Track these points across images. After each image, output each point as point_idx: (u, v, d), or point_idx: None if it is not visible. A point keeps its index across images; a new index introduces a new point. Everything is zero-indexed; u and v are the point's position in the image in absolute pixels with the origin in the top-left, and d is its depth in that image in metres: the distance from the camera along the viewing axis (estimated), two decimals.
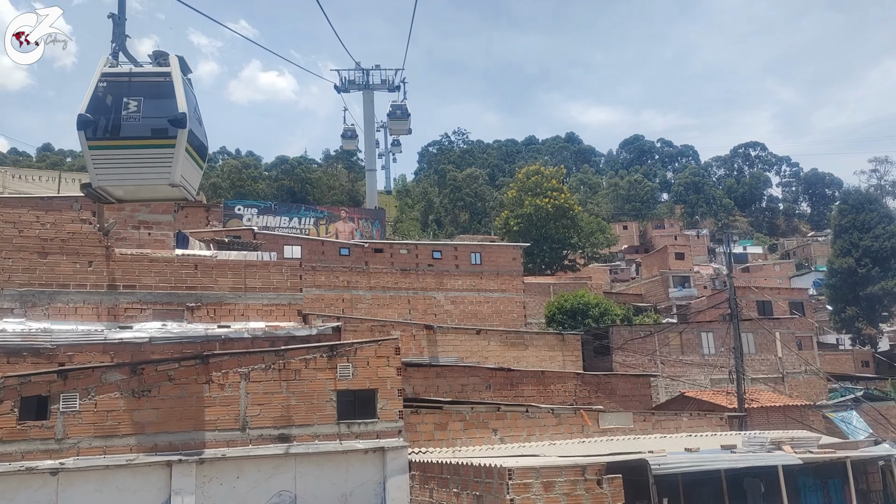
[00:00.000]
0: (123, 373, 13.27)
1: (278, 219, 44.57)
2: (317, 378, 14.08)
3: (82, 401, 14.55)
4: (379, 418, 15.67)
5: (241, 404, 13.73)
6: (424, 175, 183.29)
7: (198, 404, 13.59)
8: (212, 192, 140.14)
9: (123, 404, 14.87)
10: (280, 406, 14.91)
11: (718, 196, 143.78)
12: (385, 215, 51.16)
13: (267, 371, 13.80)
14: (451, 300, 31.61)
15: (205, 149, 13.65)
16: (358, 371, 14.27)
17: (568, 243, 55.91)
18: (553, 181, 57.78)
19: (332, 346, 13.91)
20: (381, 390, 15.32)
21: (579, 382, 24.48)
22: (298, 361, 14.01)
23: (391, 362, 14.59)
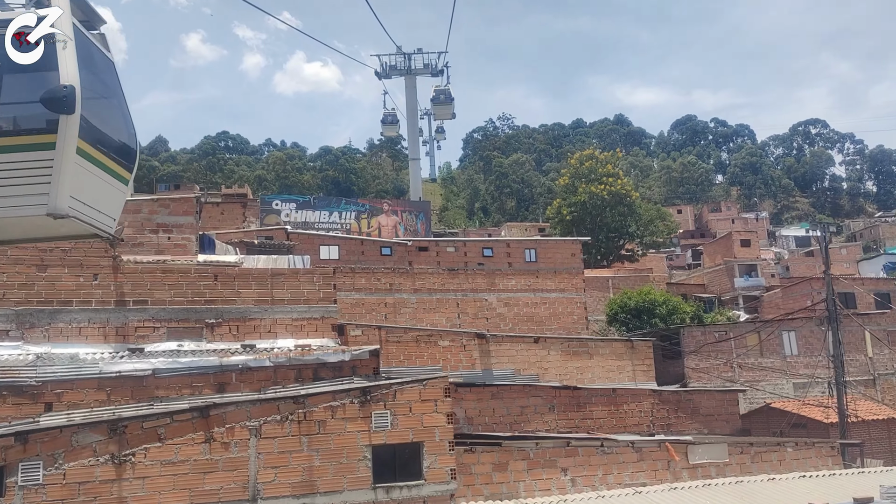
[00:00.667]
0: (100, 432, 10.30)
1: (318, 213, 41.99)
2: (346, 430, 10.86)
3: (48, 471, 11.34)
4: (425, 479, 12.37)
5: (250, 468, 10.71)
6: (469, 162, 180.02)
7: (196, 470, 10.66)
8: (257, 185, 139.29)
9: (100, 474, 11.58)
10: (300, 468, 11.73)
11: (777, 177, 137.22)
12: (430, 207, 48.11)
13: (283, 424, 10.70)
14: (503, 302, 28.55)
15: (131, 154, 8.34)
16: (398, 420, 11.08)
17: (625, 232, 52.19)
18: (608, 166, 53.95)
19: (366, 388, 10.87)
20: (427, 443, 11.93)
21: (656, 401, 21.15)
22: (323, 410, 10.84)
23: (440, 407, 11.43)
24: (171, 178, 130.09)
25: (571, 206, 51.22)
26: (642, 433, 21.07)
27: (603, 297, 42.75)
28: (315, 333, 18.64)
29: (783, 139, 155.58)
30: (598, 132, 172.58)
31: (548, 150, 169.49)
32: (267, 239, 26.03)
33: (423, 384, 11.19)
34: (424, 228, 43.78)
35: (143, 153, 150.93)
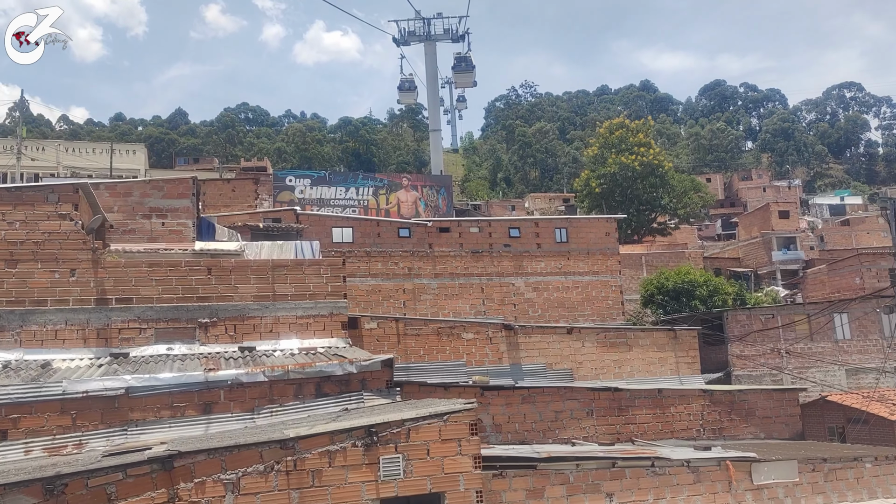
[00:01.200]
0: (34, 494, 7.99)
1: (333, 189, 39.74)
2: (348, 481, 8.42)
3: None
4: None
5: None
6: (491, 131, 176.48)
7: None
8: (276, 157, 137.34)
9: None
10: None
11: (810, 143, 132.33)
12: (451, 182, 45.51)
13: (268, 475, 8.32)
14: (532, 286, 26.18)
15: None
16: (413, 466, 8.65)
17: (657, 205, 49.37)
18: (640, 135, 50.91)
19: (371, 428, 8.57)
20: (449, 494, 9.15)
21: (707, 402, 18.75)
22: (318, 456, 8.41)
23: (465, 447, 8.98)
24: (190, 151, 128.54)
25: (600, 177, 48.46)
26: (691, 438, 18.73)
27: (636, 276, 40.22)
28: (322, 333, 16.45)
29: (816, 104, 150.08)
30: (624, 99, 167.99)
31: (572, 119, 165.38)
32: (275, 222, 23.84)
33: (444, 419, 8.85)
34: (446, 204, 41.35)
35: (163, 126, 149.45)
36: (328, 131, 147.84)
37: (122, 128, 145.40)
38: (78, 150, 62.57)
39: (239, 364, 13.94)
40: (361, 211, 40.12)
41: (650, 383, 22.72)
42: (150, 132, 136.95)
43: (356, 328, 20.67)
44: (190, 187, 20.24)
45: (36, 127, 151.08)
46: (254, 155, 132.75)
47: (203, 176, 69.57)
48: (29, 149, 55.70)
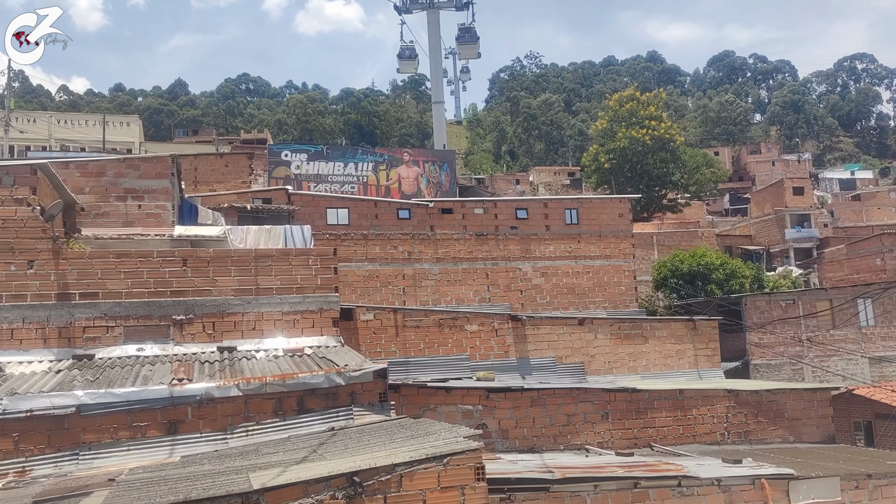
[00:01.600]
0: None
1: (331, 165, 37.90)
2: None
3: None
4: None
5: None
6: (496, 103, 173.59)
7: None
8: (277, 129, 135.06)
9: None
10: None
11: (820, 115, 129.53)
12: (455, 157, 43.46)
13: None
14: (540, 271, 24.48)
15: None
16: None
17: (668, 181, 47.50)
18: (651, 108, 48.82)
19: (354, 476, 6.96)
20: None
21: (732, 403, 17.16)
22: None
23: (470, 497, 7.35)
24: (189, 123, 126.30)
25: (609, 152, 46.52)
26: (715, 443, 17.16)
27: (646, 257, 38.50)
28: (311, 330, 14.84)
29: (827, 75, 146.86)
30: (631, 70, 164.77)
31: (577, 90, 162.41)
32: (265, 202, 22.13)
33: (445, 462, 7.23)
34: (449, 180, 39.53)
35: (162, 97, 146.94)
36: (330, 103, 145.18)
37: (120, 98, 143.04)
38: (70, 122, 60.57)
39: (214, 370, 12.34)
40: (361, 188, 38.37)
41: (667, 377, 21.16)
42: (149, 103, 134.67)
43: (351, 319, 19.06)
44: (169, 166, 18.52)
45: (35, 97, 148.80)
46: (254, 127, 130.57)
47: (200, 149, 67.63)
48: (19, 121, 53.86)
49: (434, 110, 48.71)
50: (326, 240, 22.91)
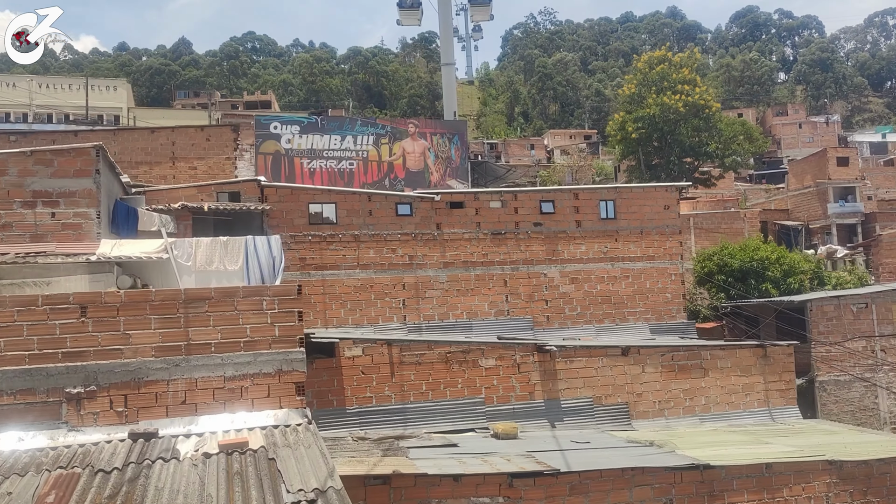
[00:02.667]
0: None
1: (327, 138, 33.27)
2: None
3: None
4: None
5: None
6: (508, 62, 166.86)
7: None
8: (282, 90, 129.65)
9: None
10: None
11: (849, 74, 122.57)
12: (466, 128, 38.46)
13: None
14: (569, 277, 20.05)
15: None
16: None
17: (702, 152, 42.52)
18: (684, 71, 43.54)
19: None
20: None
21: (835, 479, 12.84)
22: None
23: None
24: (191, 84, 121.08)
25: (637, 120, 41.60)
26: None
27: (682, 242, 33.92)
28: (266, 401, 10.55)
29: (856, 31, 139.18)
30: (649, 27, 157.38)
31: (594, 48, 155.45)
32: (231, 200, 17.68)
33: None
34: (460, 155, 34.87)
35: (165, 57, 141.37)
36: (337, 62, 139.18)
37: (122, 58, 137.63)
38: (53, 85, 55.95)
39: (104, 491, 8.09)
40: (360, 164, 33.82)
41: (732, 419, 16.86)
42: (151, 63, 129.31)
43: (333, 356, 14.79)
44: (92, 161, 14.04)
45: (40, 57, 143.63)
46: (258, 87, 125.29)
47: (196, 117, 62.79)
48: None
49: (444, 74, 43.54)
50: (309, 243, 18.50)
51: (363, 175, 33.87)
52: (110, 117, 54.10)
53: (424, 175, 34.57)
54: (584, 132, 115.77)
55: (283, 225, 18.15)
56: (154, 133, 31.89)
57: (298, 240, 18.30)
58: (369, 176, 34.00)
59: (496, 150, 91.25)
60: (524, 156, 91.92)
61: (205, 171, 32.36)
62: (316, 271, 18.30)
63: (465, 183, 35.09)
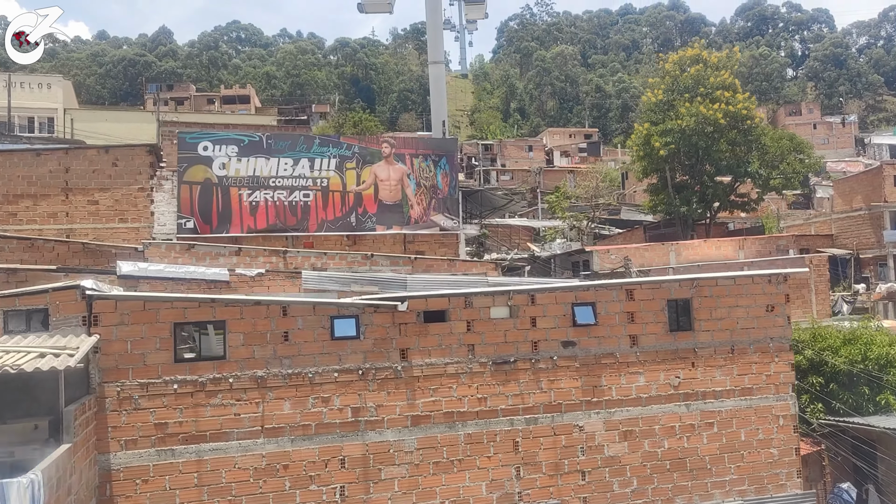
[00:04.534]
0: None
1: (274, 162, 25.03)
2: None
3: None
4: None
5: None
6: (504, 54, 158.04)
7: None
8: (265, 83, 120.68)
9: None
10: None
11: (864, 72, 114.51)
12: (457, 147, 29.84)
13: None
14: (620, 430, 11.94)
15: None
16: None
17: (744, 171, 34.37)
18: (724, 74, 35.26)
19: None
20: None
21: None
22: None
23: None
24: (167, 76, 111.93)
25: (666, 133, 33.48)
26: None
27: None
28: None
29: (869, 26, 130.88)
30: (651, 19, 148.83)
31: (593, 41, 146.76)
32: (31, 322, 9.42)
33: None
34: (448, 182, 26.71)
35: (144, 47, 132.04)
36: (324, 54, 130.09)
37: (94, 48, 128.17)
38: None
39: None
40: (319, 196, 25.71)
41: None
42: (125, 54, 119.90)
43: None
44: None
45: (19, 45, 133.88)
46: (239, 80, 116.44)
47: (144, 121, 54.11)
48: None
49: (431, 74, 34.72)
50: (174, 396, 10.34)
51: (322, 209, 25.74)
52: (43, 119, 45.65)
53: (402, 209, 26.48)
54: (584, 130, 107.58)
55: (123, 367, 10.05)
56: (40, 157, 23.64)
57: (154, 392, 10.18)
58: (330, 210, 25.87)
59: (491, 152, 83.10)
60: (522, 158, 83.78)
61: (110, 207, 24.18)
62: (185, 446, 10.23)
63: (455, 219, 26.99)
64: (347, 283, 18.48)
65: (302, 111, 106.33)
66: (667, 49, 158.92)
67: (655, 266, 29.01)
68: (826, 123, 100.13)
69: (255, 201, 25.12)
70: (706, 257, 29.56)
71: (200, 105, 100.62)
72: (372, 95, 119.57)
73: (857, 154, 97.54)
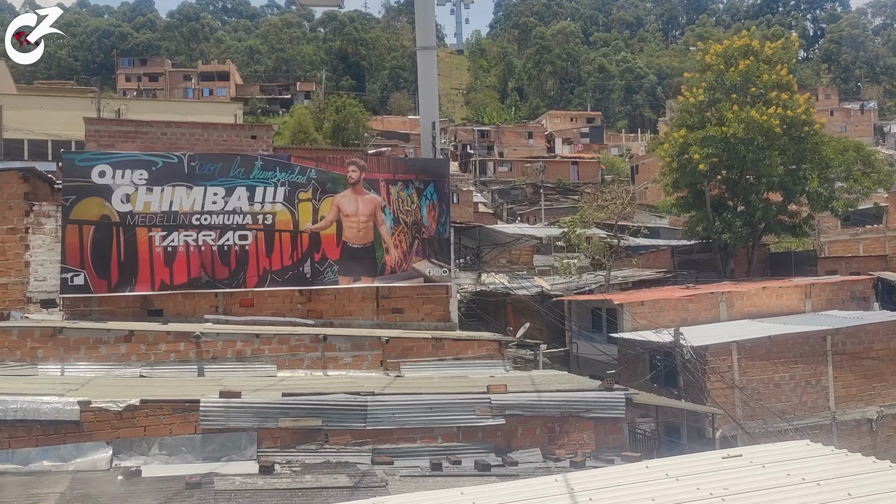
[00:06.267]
0: None
1: (199, 192, 18.03)
2: None
3: None
4: None
5: None
6: (501, 29, 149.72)
7: None
8: (248, 58, 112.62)
9: None
10: None
11: (882, 54, 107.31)
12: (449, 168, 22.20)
13: None
14: None
15: None
16: None
17: (800, 190, 27.64)
18: (780, 70, 28.34)
19: None
20: None
21: None
22: None
23: None
24: (143, 49, 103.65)
25: (708, 142, 26.65)
26: None
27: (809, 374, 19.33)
28: None
29: (885, 6, 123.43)
30: None
31: (595, 17, 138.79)
32: None
33: None
34: (437, 216, 19.64)
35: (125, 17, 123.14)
36: (311, 27, 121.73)
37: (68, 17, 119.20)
38: None
39: None
40: (261, 237, 18.67)
41: None
42: (99, 24, 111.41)
43: None
44: None
45: None
46: (221, 55, 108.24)
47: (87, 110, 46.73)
48: None
49: (419, 60, 26.11)
50: None
51: (265, 256, 18.81)
52: None
53: (374, 254, 19.58)
54: (586, 114, 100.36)
55: None
56: None
57: None
58: (277, 257, 18.93)
59: (488, 139, 76.00)
60: (521, 146, 76.75)
61: None
62: None
63: (445, 266, 20.18)
64: (273, 415, 11.82)
65: (286, 89, 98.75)
66: (672, 28, 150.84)
67: (702, 321, 22.39)
68: (844, 110, 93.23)
69: (173, 246, 18.09)
70: (765, 309, 23.00)
71: (176, 82, 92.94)
72: (361, 73, 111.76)
73: (875, 143, 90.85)
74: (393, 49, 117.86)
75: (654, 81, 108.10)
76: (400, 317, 19.50)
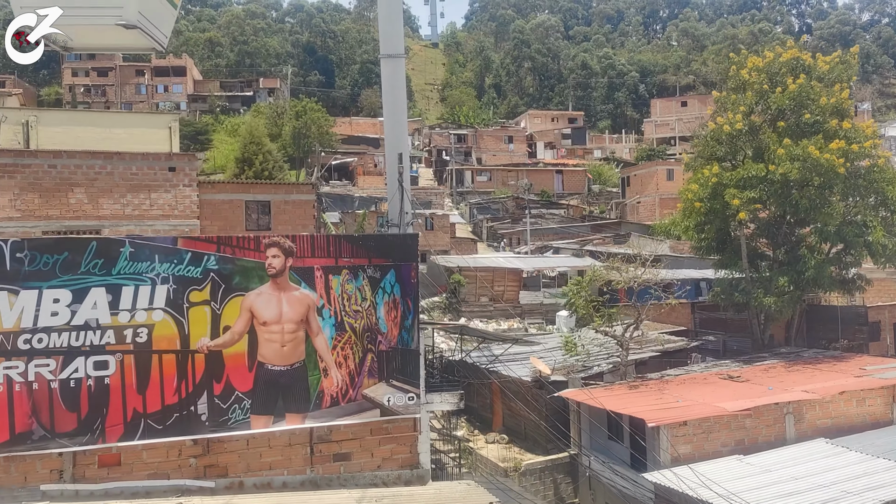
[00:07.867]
0: None
1: (31, 300, 11.48)
2: None
3: None
4: None
5: None
6: (477, 21, 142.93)
7: None
8: (208, 51, 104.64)
9: None
10: None
11: (872, 52, 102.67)
12: (417, 246, 15.33)
13: None
14: None
15: None
16: None
17: (862, 242, 21.84)
18: (840, 92, 22.57)
19: None
20: None
21: None
22: None
23: None
24: None
25: (749, 183, 20.56)
26: None
27: None
28: None
29: (871, 1, 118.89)
30: None
31: (574, 10, 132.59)
32: None
33: None
34: (397, 320, 13.12)
35: None
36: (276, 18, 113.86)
37: None
38: None
39: None
40: (131, 364, 11.91)
41: None
42: None
43: None
44: None
45: None
46: (178, 48, 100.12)
47: None
48: None
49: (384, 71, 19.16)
50: None
51: (135, 393, 12.35)
52: None
53: (305, 381, 13.18)
54: (568, 114, 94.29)
55: None
56: None
57: None
58: (155, 394, 12.46)
59: (466, 144, 69.63)
60: (500, 151, 70.49)
61: None
62: None
63: (413, 389, 13.89)
64: None
65: (248, 85, 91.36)
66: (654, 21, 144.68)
67: (763, 444, 16.32)
68: None
69: None
70: (843, 420, 17.13)
71: (128, 77, 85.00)
72: (330, 67, 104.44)
73: None
74: (364, 42, 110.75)
75: (636, 79, 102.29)
76: (345, 466, 13.35)
